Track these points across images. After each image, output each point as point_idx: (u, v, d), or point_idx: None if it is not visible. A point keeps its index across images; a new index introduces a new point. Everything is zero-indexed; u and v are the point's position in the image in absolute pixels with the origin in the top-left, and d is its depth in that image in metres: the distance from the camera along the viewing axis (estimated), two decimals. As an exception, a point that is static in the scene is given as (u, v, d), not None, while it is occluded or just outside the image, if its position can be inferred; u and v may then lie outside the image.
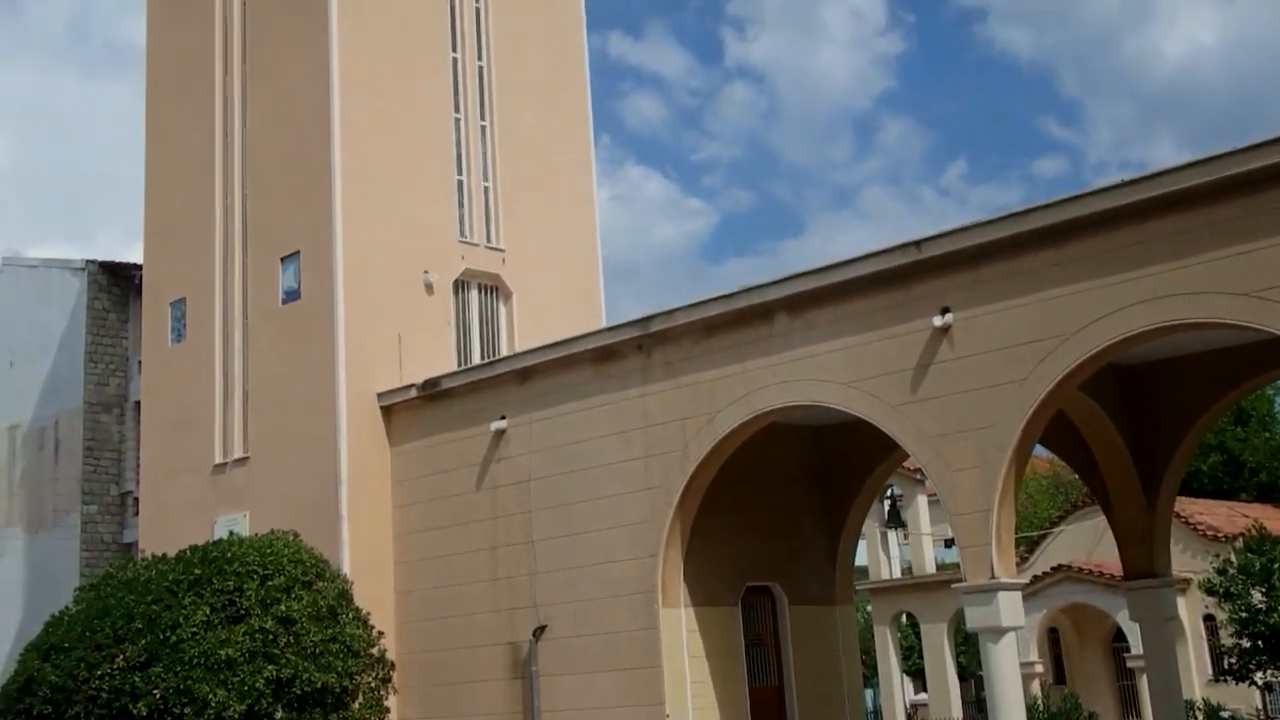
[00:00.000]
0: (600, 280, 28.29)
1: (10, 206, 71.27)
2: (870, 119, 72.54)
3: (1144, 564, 21.01)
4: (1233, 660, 27.84)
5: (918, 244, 17.49)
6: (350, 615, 20.19)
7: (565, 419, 21.15)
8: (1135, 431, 20.47)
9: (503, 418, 22.02)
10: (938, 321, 17.14)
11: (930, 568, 39.33)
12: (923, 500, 38.55)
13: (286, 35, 26.46)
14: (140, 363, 30.11)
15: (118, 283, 33.71)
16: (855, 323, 18.09)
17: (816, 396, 18.45)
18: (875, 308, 17.92)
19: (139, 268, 30.47)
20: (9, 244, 79.98)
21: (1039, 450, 20.04)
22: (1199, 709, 31.38)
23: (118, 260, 33.69)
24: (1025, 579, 22.47)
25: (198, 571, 19.41)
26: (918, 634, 42.00)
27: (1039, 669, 37.25)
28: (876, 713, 41.92)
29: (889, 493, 36.45)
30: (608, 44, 69.35)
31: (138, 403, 30.82)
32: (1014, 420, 16.34)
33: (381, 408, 23.97)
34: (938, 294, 17.33)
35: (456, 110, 27.11)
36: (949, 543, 30.80)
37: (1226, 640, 29.23)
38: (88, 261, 33.66)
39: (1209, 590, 29.28)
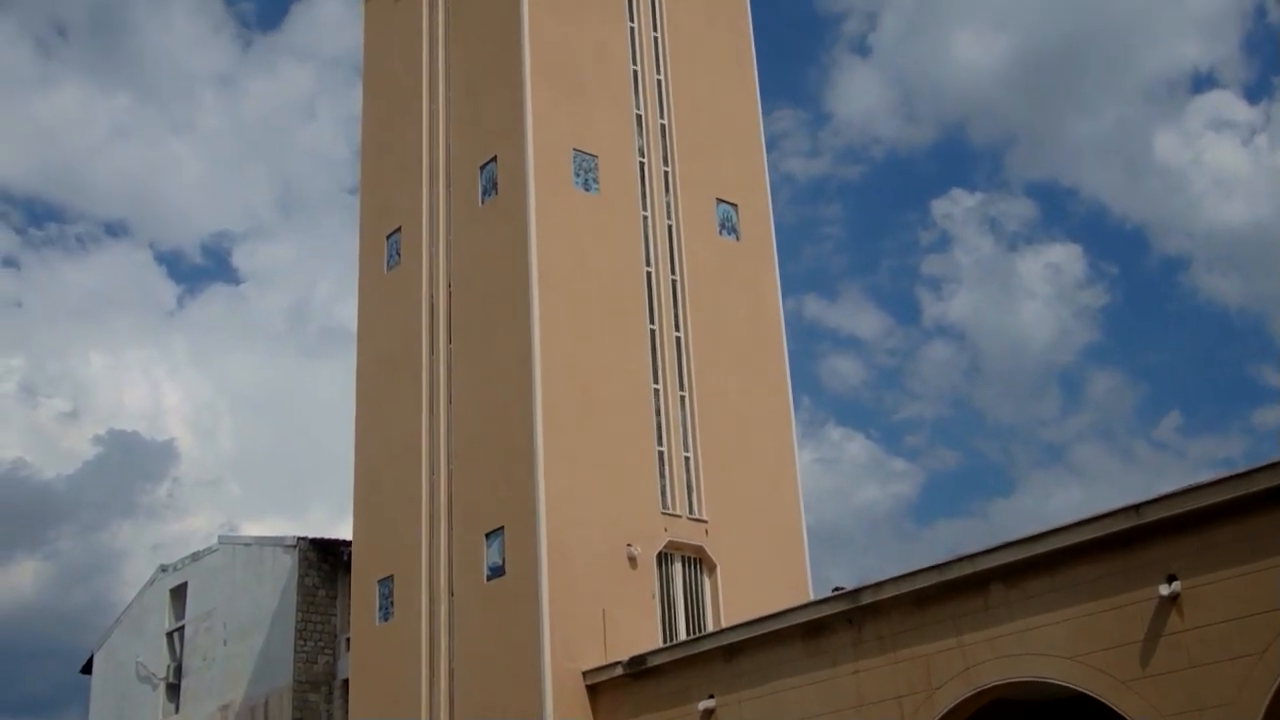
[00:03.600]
0: (805, 547, 27.81)
1: (230, 485, 73.91)
2: (1077, 373, 71.48)
3: None
4: None
5: (1138, 508, 16.76)
6: None
7: (775, 698, 20.49)
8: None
9: (711, 696, 21.44)
10: (1164, 590, 16.26)
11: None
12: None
13: (491, 316, 27.15)
14: (348, 640, 30.32)
15: (327, 559, 34.25)
16: (1076, 592, 17.28)
17: (1040, 671, 17.58)
18: (1096, 576, 17.12)
19: (348, 544, 30.97)
20: (227, 521, 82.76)
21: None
22: None
23: (327, 537, 34.31)
24: None
25: None
26: None
27: None
28: None
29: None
30: (803, 307, 69.98)
31: (345, 681, 30.90)
32: (1255, 698, 15.27)
33: (587, 686, 23.59)
34: (1163, 560, 16.50)
35: (655, 381, 27.33)
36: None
37: None
38: (299, 539, 34.33)
39: None
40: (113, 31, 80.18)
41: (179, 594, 37.53)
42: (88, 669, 40.78)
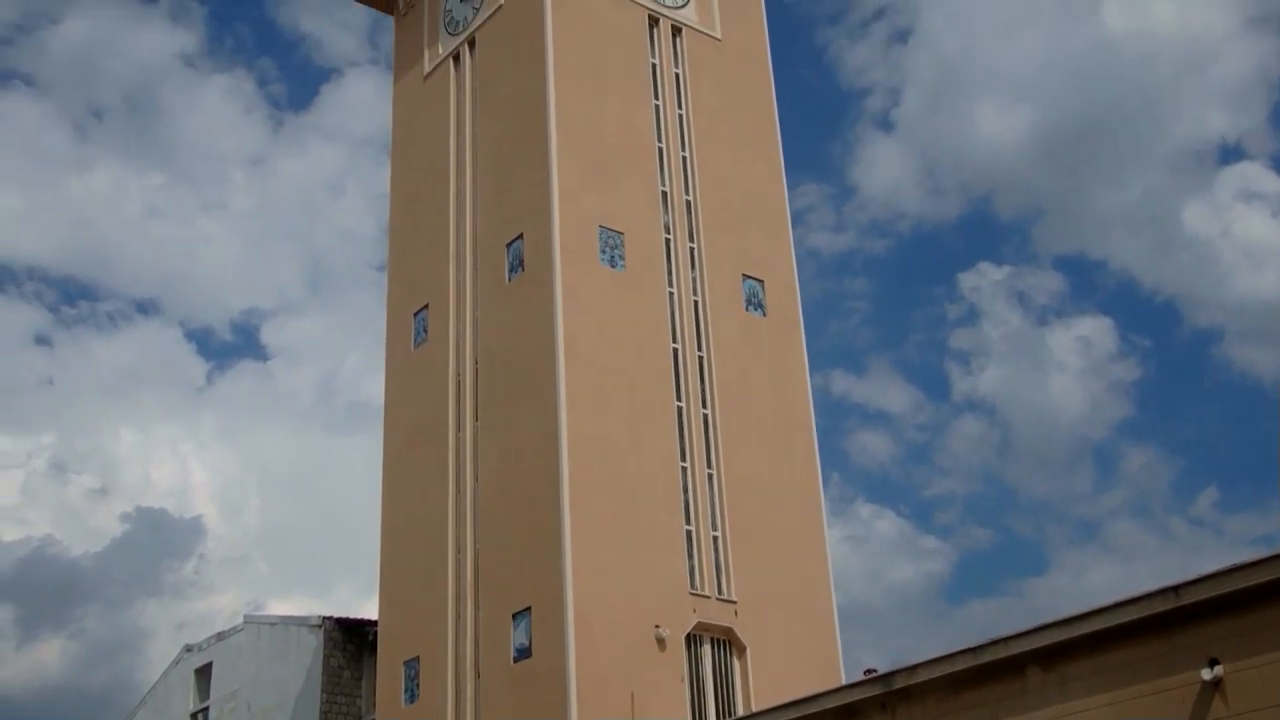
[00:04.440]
0: (836, 628, 27.47)
1: (256, 562, 73.76)
2: (1110, 448, 70.77)
3: None
4: None
5: (1177, 589, 16.40)
6: None
7: (807, 782, 20.07)
8: None
9: (741, 781, 21.05)
10: (1206, 675, 15.86)
11: None
12: None
13: (517, 394, 27.05)
14: (374, 722, 30.02)
15: (352, 639, 33.96)
16: (1115, 676, 16.88)
17: (1079, 757, 17.15)
18: (1136, 659, 16.72)
19: (373, 624, 30.72)
20: (253, 598, 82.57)
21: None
22: None
23: (353, 617, 34.04)
24: None
25: None
26: None
27: None
28: None
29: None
30: (831, 382, 69.56)
31: (371, 763, 30.57)
32: (1305, 786, 14.87)
33: (616, 770, 23.23)
34: (1204, 643, 16.11)
35: (683, 458, 27.14)
36: None
37: None
38: (324, 619, 34.08)
39: None
40: (147, 113, 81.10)
41: (204, 674, 37.27)
42: (112, 750, 40.51)
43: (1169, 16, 70.62)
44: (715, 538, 26.80)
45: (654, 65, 31.10)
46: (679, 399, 27.63)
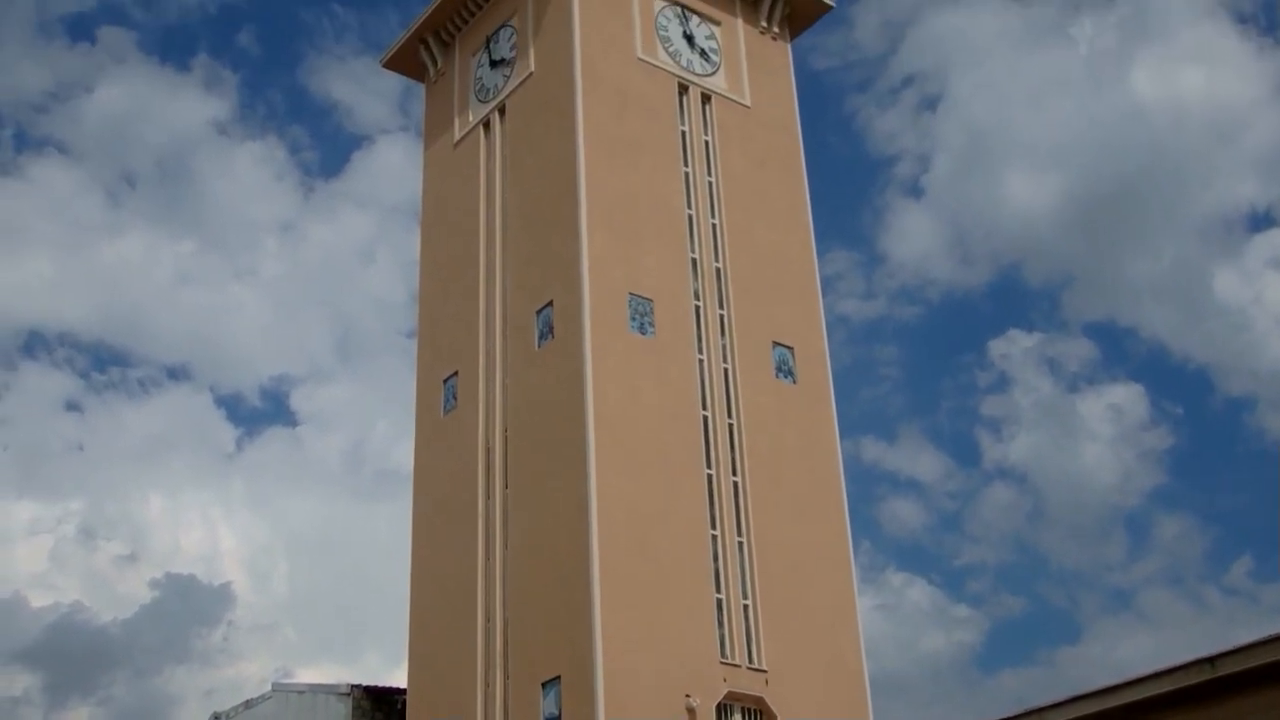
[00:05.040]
0: (868, 698, 27.20)
1: (285, 630, 73.62)
2: (1143, 517, 70.06)
3: None
4: None
5: (1212, 661, 16.22)
6: None
7: None
8: None
9: None
10: (1244, 748, 15.69)
11: None
12: None
13: (547, 461, 27.04)
14: (402, 791, 29.82)
15: (381, 708, 33.77)
16: (1151, 749, 16.70)
17: (1115, 832, 16.91)
18: (1171, 731, 16.56)
19: (402, 692, 30.58)
20: (281, 666, 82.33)
21: None
22: None
23: (381, 685, 33.88)
24: None
25: None
26: None
27: None
28: None
29: None
30: (861, 449, 69.18)
31: (399, 831, 30.35)
32: None
33: (645, 842, 23.00)
34: (1240, 716, 15.93)
35: (713, 526, 27.05)
36: None
37: None
38: (352, 687, 33.92)
39: None
40: (179, 180, 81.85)
41: (231, 742, 37.12)
42: (139, 818, 40.33)
43: (1198, 84, 70.77)
44: (746, 606, 26.65)
45: (684, 132, 31.28)
46: (709, 466, 27.56)
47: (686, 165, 30.87)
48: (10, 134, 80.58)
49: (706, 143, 31.63)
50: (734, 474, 27.86)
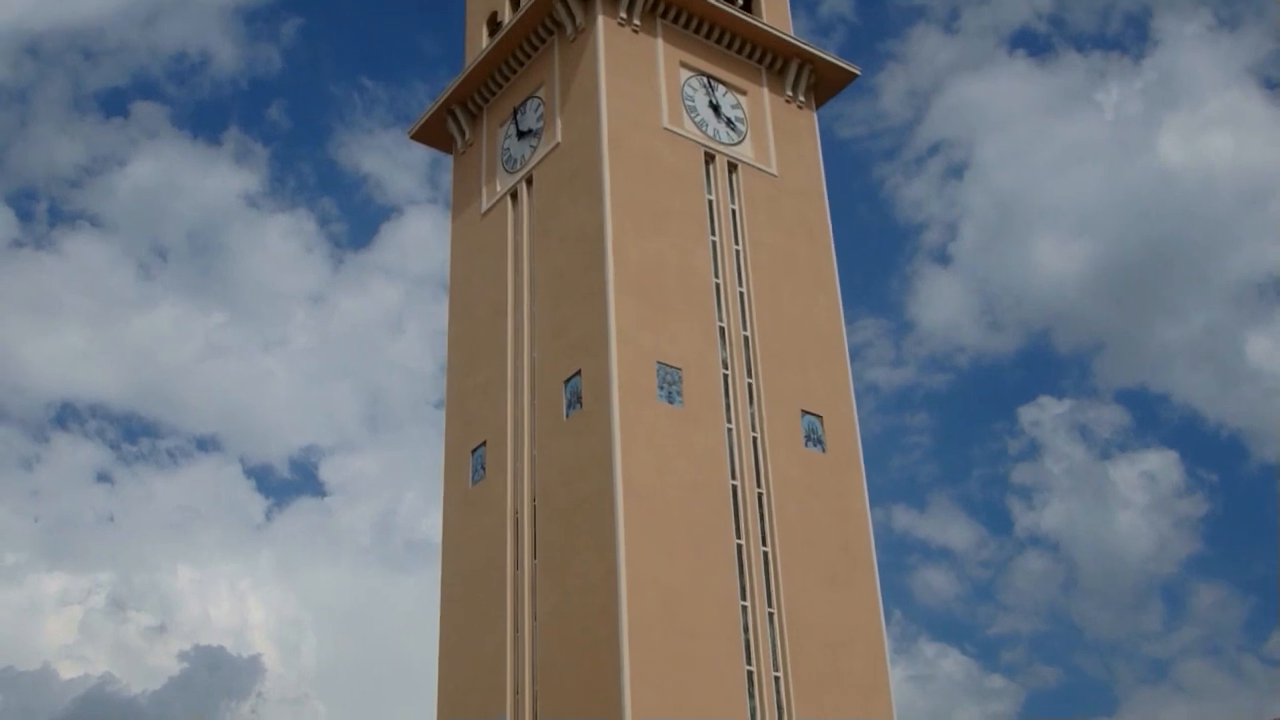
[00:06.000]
0: (903, 773, 26.79)
1: (313, 702, 73.15)
2: (1179, 585, 69.15)
3: None
4: None
5: (1256, 735, 15.88)
6: None
7: None
8: None
9: None
10: (1290, 824, 15.30)
11: None
12: None
13: (575, 531, 26.85)
14: None
15: (409, 782, 33.49)
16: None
17: None
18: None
19: (431, 767, 30.26)
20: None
21: None
22: None
23: (410, 759, 33.61)
24: None
25: None
26: None
27: None
28: None
29: None
30: (892, 518, 68.72)
31: None
32: None
33: None
34: (1286, 791, 15.57)
35: (743, 597, 26.77)
36: None
37: None
38: (381, 761, 33.65)
39: None
40: (210, 253, 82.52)
41: (259, 816, 36.80)
42: None
43: (1226, 149, 70.69)
44: (777, 678, 26.32)
45: (710, 201, 31.30)
46: (739, 536, 27.32)
47: (714, 234, 30.87)
48: (45, 208, 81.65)
49: (733, 211, 31.63)
50: (764, 544, 27.60)
